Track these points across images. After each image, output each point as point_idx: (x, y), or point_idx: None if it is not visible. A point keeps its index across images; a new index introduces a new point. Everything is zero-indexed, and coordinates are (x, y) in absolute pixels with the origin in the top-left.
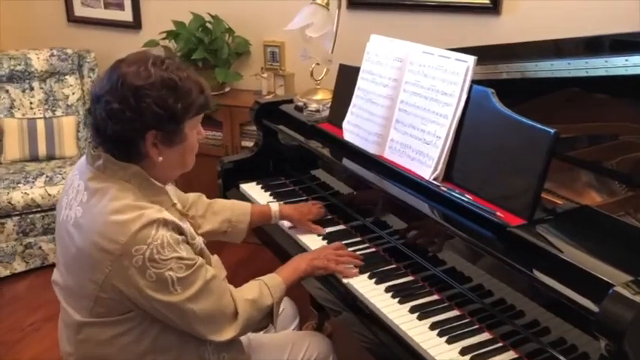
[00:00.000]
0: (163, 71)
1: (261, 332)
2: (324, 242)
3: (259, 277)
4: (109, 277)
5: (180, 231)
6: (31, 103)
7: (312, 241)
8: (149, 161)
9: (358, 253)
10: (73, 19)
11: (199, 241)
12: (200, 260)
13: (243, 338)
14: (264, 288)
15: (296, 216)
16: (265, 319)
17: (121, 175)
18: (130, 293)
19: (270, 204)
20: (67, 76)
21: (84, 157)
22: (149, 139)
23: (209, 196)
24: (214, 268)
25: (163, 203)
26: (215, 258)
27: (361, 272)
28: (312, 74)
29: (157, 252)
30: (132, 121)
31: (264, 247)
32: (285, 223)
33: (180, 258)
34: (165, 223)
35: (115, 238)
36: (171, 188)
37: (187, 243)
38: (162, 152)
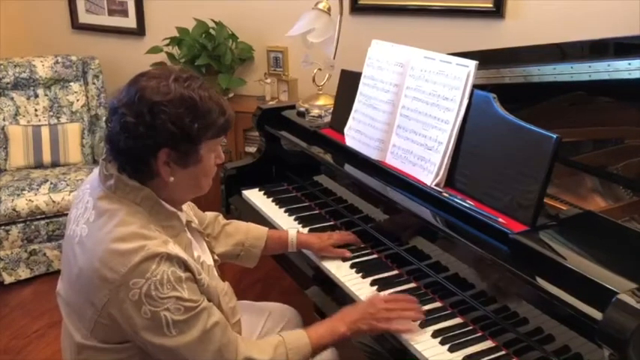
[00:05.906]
0: (184, 89)
1: None
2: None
3: (284, 333)
4: (107, 306)
5: (185, 266)
6: (35, 110)
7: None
8: (160, 181)
9: (360, 260)
10: (77, 26)
11: (206, 277)
12: (204, 303)
13: None
14: (280, 348)
15: (316, 244)
16: None
17: (132, 197)
18: (124, 326)
19: (288, 230)
20: (71, 83)
21: (97, 169)
22: (161, 157)
23: (212, 203)
24: (226, 296)
25: (175, 228)
26: (226, 285)
27: (363, 278)
28: (314, 80)
29: (155, 288)
30: (145, 137)
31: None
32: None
33: (180, 298)
34: (169, 258)
35: (114, 267)
36: (188, 206)
37: (194, 280)
38: (175, 172)
